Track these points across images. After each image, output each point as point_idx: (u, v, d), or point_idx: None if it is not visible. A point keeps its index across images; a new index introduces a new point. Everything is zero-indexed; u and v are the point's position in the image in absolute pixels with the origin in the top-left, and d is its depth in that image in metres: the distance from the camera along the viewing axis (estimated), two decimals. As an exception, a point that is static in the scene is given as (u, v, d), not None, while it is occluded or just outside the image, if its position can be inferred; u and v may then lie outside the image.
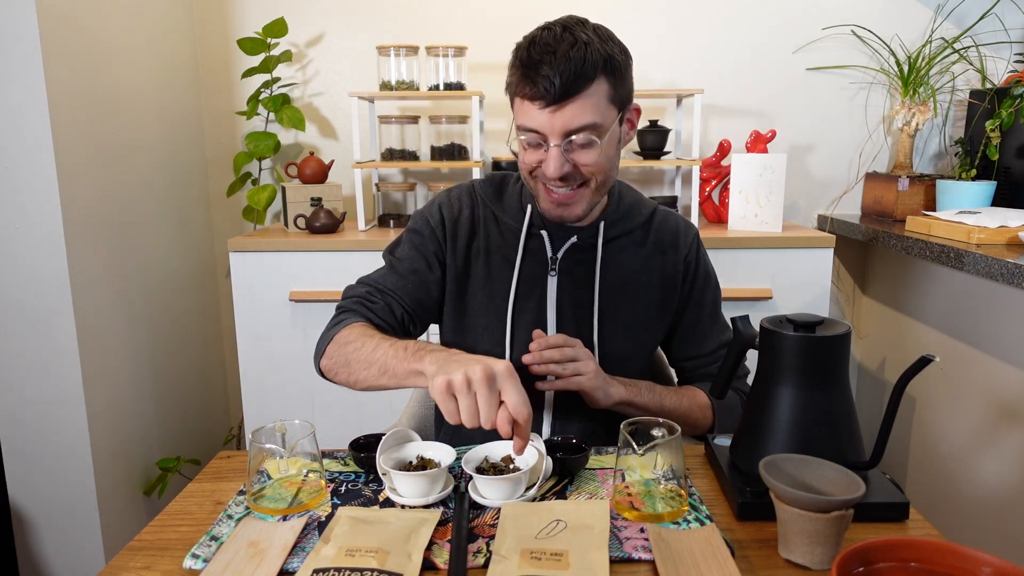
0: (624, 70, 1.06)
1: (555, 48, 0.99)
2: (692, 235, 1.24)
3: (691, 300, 1.23)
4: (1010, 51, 2.20)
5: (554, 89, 0.99)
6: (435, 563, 0.79)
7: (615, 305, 1.18)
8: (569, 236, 1.18)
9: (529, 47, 1.02)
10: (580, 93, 1.00)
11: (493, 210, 1.21)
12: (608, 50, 1.02)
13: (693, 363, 1.27)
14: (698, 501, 0.92)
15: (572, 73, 0.99)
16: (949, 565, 0.68)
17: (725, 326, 1.27)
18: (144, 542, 0.86)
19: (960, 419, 1.79)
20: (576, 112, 1.01)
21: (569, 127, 1.02)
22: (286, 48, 2.21)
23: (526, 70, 1.01)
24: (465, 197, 1.22)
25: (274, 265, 1.96)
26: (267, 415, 2.01)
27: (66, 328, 1.66)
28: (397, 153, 2.14)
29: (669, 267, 1.21)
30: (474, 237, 1.20)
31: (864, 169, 2.32)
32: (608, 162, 1.08)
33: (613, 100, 1.04)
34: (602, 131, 1.04)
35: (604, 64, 1.01)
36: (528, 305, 1.17)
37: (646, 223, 1.22)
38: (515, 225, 1.19)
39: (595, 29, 1.04)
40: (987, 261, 1.52)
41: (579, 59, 0.99)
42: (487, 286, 1.18)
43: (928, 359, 0.85)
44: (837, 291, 2.40)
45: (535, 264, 1.18)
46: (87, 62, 1.73)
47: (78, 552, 1.77)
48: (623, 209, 1.20)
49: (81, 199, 1.70)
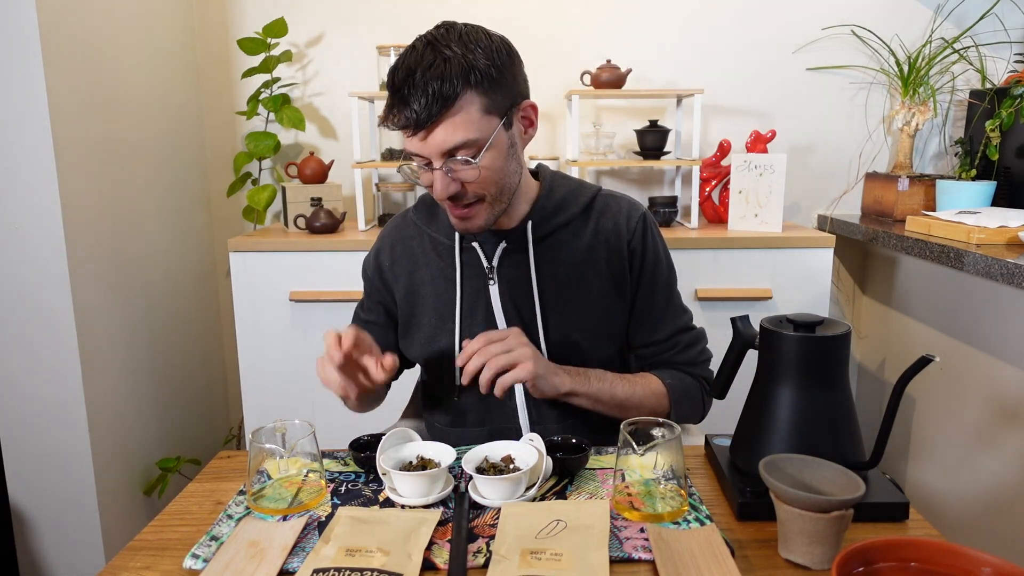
0: (497, 77, 1.01)
1: (415, 70, 0.97)
2: (636, 218, 1.19)
3: (641, 285, 1.20)
4: (1010, 51, 2.20)
5: (415, 116, 0.97)
6: (435, 563, 0.79)
7: (562, 301, 1.17)
8: (499, 242, 1.17)
9: (395, 72, 1.00)
10: (445, 114, 0.98)
11: (429, 232, 1.21)
12: (472, 61, 0.98)
13: (649, 350, 1.24)
14: (698, 501, 0.92)
15: (431, 97, 0.96)
16: (949, 565, 0.68)
17: (681, 310, 1.25)
18: (144, 542, 0.86)
19: (960, 419, 1.79)
20: (446, 133, 0.99)
21: (443, 149, 1.00)
22: (286, 48, 2.21)
23: (390, 98, 1.00)
24: (399, 231, 1.25)
25: (274, 265, 1.96)
26: (267, 415, 2.01)
27: (66, 328, 1.66)
28: (397, 153, 2.14)
29: (615, 254, 1.18)
30: (416, 267, 1.22)
31: (864, 169, 2.32)
32: (498, 172, 1.05)
33: (489, 109, 1.01)
34: (480, 144, 1.01)
35: (467, 78, 0.97)
36: (476, 319, 1.18)
37: (584, 212, 1.19)
38: (448, 243, 1.19)
39: (461, 37, 1.00)
40: (987, 261, 1.52)
41: (437, 79, 0.96)
42: (436, 308, 1.20)
43: (928, 359, 0.85)
44: (837, 291, 2.40)
45: (474, 276, 1.18)
46: (87, 62, 1.73)
47: (78, 552, 1.77)
48: (553, 203, 1.18)
49: (81, 199, 1.70)
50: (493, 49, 1.01)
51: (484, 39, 1.02)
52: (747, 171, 2.04)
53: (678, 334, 1.23)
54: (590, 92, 2.05)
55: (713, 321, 1.26)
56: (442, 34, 1.01)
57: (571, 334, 1.17)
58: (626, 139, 2.29)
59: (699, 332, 1.26)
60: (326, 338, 1.00)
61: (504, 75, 1.02)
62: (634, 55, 2.25)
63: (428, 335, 1.21)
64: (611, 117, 2.31)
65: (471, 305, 1.18)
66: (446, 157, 1.01)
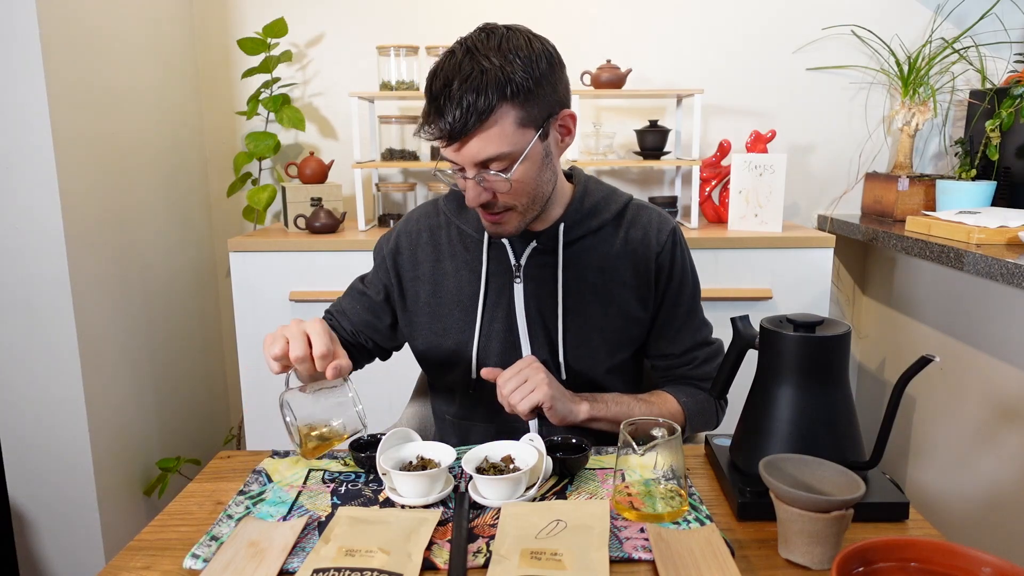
0: (534, 89, 0.99)
1: (452, 80, 0.96)
2: (667, 232, 1.19)
3: (666, 299, 1.20)
4: (1010, 51, 2.20)
5: (450, 128, 0.97)
6: (435, 563, 0.79)
7: (584, 305, 1.17)
8: (529, 241, 1.17)
9: (433, 79, 0.99)
10: (479, 128, 0.98)
11: (458, 224, 1.21)
12: (509, 74, 0.96)
13: (665, 362, 1.24)
14: (698, 501, 0.92)
15: (466, 110, 0.96)
16: (949, 565, 0.68)
17: (703, 324, 1.25)
18: (144, 542, 0.86)
19: (960, 419, 1.79)
20: (479, 146, 0.99)
21: (476, 160, 1.00)
22: (286, 48, 2.21)
23: (427, 106, 1.00)
24: (427, 218, 1.24)
25: (274, 265, 1.96)
26: (267, 415, 2.01)
27: (66, 328, 1.66)
28: (397, 153, 2.14)
29: (642, 264, 1.18)
30: (441, 256, 1.21)
31: (864, 169, 2.32)
32: (530, 184, 1.05)
33: (524, 123, 1.00)
34: (513, 157, 1.01)
35: (503, 91, 0.96)
36: (498, 314, 1.17)
37: (616, 219, 1.19)
38: (477, 236, 1.19)
39: (501, 46, 0.98)
40: (987, 261, 1.52)
41: (473, 92, 0.95)
42: (459, 300, 1.19)
43: (928, 359, 0.85)
44: (837, 291, 2.40)
45: (500, 273, 1.18)
46: (87, 62, 1.73)
47: (78, 552, 1.77)
48: (587, 207, 1.18)
49: (81, 199, 1.70)
50: (532, 59, 0.99)
51: (524, 47, 0.99)
52: (747, 171, 2.04)
53: (696, 349, 1.23)
54: (590, 92, 2.05)
55: (713, 321, 1.26)
56: (482, 40, 0.99)
57: (591, 339, 1.18)
58: (626, 139, 2.29)
59: (717, 347, 1.26)
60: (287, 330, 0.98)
61: (543, 86, 1.01)
62: (634, 55, 2.25)
63: (446, 326, 1.20)
64: (611, 117, 2.31)
65: (494, 301, 1.18)
66: (479, 168, 1.01)
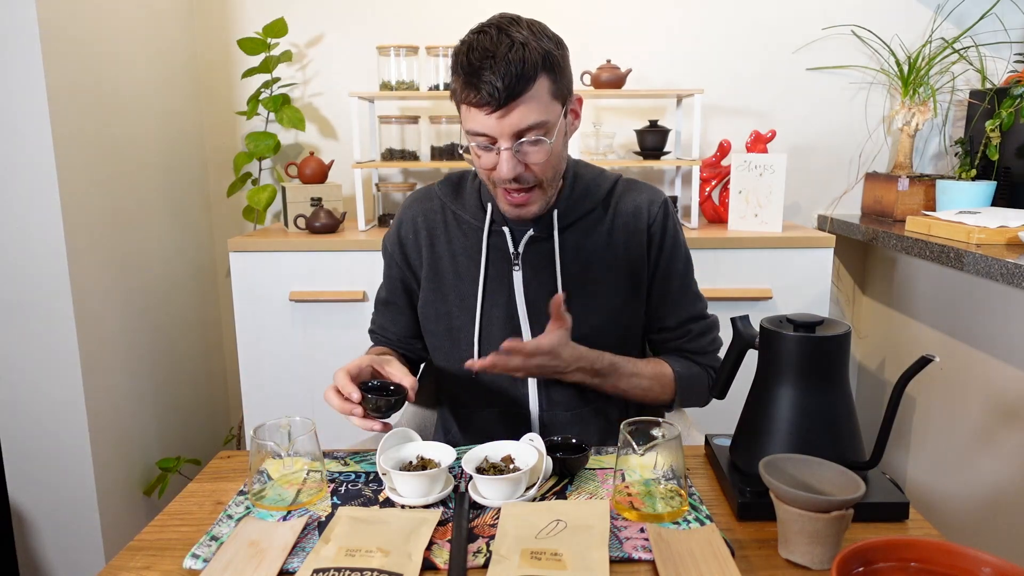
0: (562, 63, 1.07)
1: (494, 52, 0.99)
2: (658, 203, 1.22)
3: (658, 269, 1.22)
4: (1010, 51, 2.20)
5: (498, 94, 1.00)
6: (435, 563, 0.79)
7: (582, 289, 1.19)
8: (526, 229, 1.19)
9: (468, 53, 1.02)
10: (524, 94, 1.01)
11: (454, 210, 1.23)
12: (545, 47, 1.03)
13: (660, 336, 1.26)
14: (698, 501, 0.92)
15: (514, 76, 0.99)
16: (949, 565, 0.68)
17: (696, 298, 1.26)
18: (144, 542, 0.86)
19: (960, 419, 1.79)
20: (523, 113, 1.02)
21: (517, 128, 1.03)
22: (286, 48, 2.21)
23: (468, 77, 1.01)
24: (422, 203, 1.25)
25: (274, 265, 1.96)
26: (267, 415, 2.00)
27: (66, 328, 1.66)
28: (397, 153, 2.14)
29: (634, 239, 1.20)
30: (436, 241, 1.22)
31: (864, 169, 2.32)
32: (557, 157, 1.11)
33: (556, 95, 1.05)
34: (549, 128, 1.05)
35: (543, 61, 1.02)
36: (498, 301, 1.19)
37: (606, 199, 1.22)
38: (476, 224, 1.21)
39: (529, 26, 1.04)
40: (987, 261, 1.52)
41: (519, 61, 0.99)
42: (456, 286, 1.21)
43: (928, 359, 0.85)
44: (837, 291, 2.40)
45: (499, 260, 1.20)
46: (87, 62, 1.73)
47: (78, 552, 1.77)
48: (578, 192, 1.20)
49: (81, 199, 1.70)
50: (557, 39, 1.07)
51: (548, 30, 1.07)
52: (747, 171, 2.04)
53: (690, 322, 1.24)
54: (590, 92, 2.05)
55: (713, 321, 1.28)
56: (511, 22, 1.04)
57: (591, 321, 1.18)
58: (626, 139, 2.29)
59: (712, 321, 1.27)
60: (335, 378, 1.01)
61: (565, 66, 1.08)
62: (634, 55, 2.25)
63: (445, 311, 1.22)
64: (611, 117, 2.31)
65: (494, 288, 1.19)
66: (515, 139, 1.04)
